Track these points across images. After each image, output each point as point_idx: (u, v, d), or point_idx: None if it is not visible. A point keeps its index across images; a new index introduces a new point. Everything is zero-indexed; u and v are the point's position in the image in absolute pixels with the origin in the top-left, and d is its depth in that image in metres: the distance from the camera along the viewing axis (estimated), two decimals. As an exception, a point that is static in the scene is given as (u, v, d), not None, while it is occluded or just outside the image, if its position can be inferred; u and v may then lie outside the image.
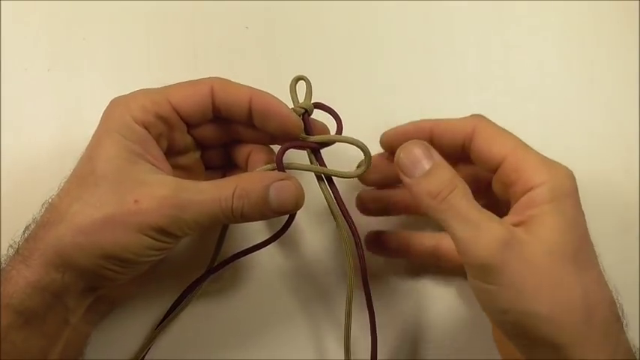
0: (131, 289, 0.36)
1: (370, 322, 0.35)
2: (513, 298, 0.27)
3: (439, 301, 0.39)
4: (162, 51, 0.41)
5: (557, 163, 0.31)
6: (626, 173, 0.41)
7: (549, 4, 0.43)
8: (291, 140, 0.33)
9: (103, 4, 0.41)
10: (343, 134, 0.34)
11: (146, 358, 0.37)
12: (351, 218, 0.34)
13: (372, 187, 0.38)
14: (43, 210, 0.31)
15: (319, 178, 0.34)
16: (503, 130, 0.32)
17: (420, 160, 0.30)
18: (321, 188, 0.34)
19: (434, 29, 0.43)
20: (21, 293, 0.28)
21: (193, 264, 0.38)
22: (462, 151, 0.33)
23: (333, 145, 0.34)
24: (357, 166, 0.34)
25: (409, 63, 0.42)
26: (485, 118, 0.33)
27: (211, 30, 0.42)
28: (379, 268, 0.39)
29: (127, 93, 0.32)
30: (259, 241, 0.35)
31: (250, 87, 0.32)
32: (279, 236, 0.35)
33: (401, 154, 0.31)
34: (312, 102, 0.34)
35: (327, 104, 0.34)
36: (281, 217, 0.33)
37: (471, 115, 0.33)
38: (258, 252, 0.36)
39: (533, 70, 0.42)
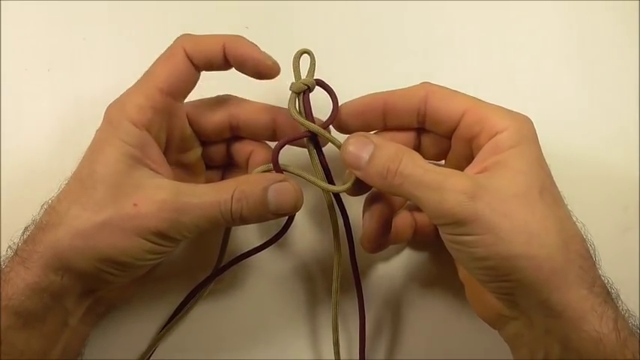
0: (130, 291, 0.36)
1: (359, 305, 0.35)
2: (490, 243, 0.27)
3: (432, 287, 0.39)
4: (162, 51, 0.41)
5: (515, 111, 0.31)
6: (626, 173, 0.41)
7: (549, 4, 0.43)
8: (288, 128, 0.33)
9: (103, 4, 0.41)
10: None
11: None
12: (342, 204, 0.34)
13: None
14: (42, 212, 0.31)
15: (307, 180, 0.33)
16: (455, 90, 0.33)
17: (360, 149, 0.30)
18: (309, 152, 0.33)
19: (434, 29, 0.43)
20: (20, 295, 0.28)
21: (196, 267, 0.38)
22: (417, 118, 0.33)
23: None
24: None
25: (409, 63, 0.42)
26: (433, 83, 0.33)
27: (211, 30, 0.42)
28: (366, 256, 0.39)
29: (121, 94, 0.32)
30: (260, 242, 0.35)
31: (221, 35, 0.32)
32: (280, 237, 0.35)
33: (343, 153, 0.31)
34: (314, 78, 0.33)
35: (328, 83, 0.34)
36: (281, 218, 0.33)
37: (422, 83, 0.33)
38: (257, 254, 0.36)
39: (533, 70, 0.42)
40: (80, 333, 0.33)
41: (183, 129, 0.34)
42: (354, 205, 0.38)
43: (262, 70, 0.32)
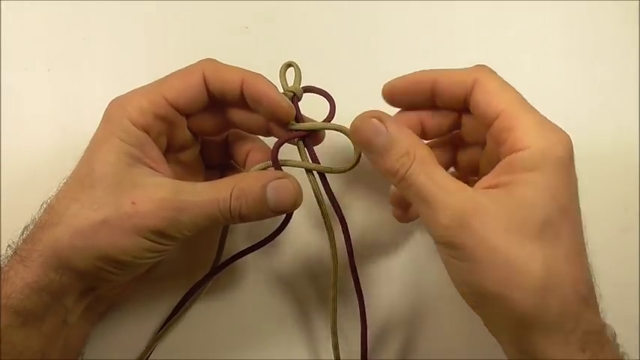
0: (130, 290, 0.36)
1: (360, 309, 0.35)
2: (467, 272, 0.27)
3: (430, 287, 0.39)
4: (162, 51, 0.41)
5: (556, 127, 0.28)
6: (626, 173, 0.41)
7: (549, 4, 0.43)
8: (283, 126, 0.33)
9: (103, 4, 0.41)
10: (335, 120, 0.33)
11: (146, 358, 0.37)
12: (337, 202, 0.33)
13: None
14: (41, 211, 0.31)
15: (307, 169, 0.34)
16: (505, 84, 0.30)
17: (376, 132, 0.28)
18: (309, 178, 0.33)
19: (434, 29, 0.43)
20: (19, 294, 0.28)
21: (194, 266, 0.38)
22: (464, 102, 0.31)
23: (330, 134, 0.34)
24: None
25: (409, 63, 0.42)
26: (488, 69, 0.31)
27: (211, 30, 0.42)
28: (366, 254, 0.39)
29: (126, 93, 0.32)
30: (258, 240, 0.35)
31: (242, 69, 0.32)
32: (277, 235, 0.35)
33: (356, 130, 0.29)
34: (301, 86, 0.33)
35: (318, 87, 0.34)
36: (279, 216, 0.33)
37: (475, 66, 0.31)
38: (254, 252, 0.36)
39: (533, 69, 0.42)
40: (80, 332, 0.33)
41: (184, 135, 0.34)
42: (354, 207, 0.38)
43: (277, 111, 0.32)
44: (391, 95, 0.34)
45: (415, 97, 0.33)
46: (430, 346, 0.39)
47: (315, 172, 0.34)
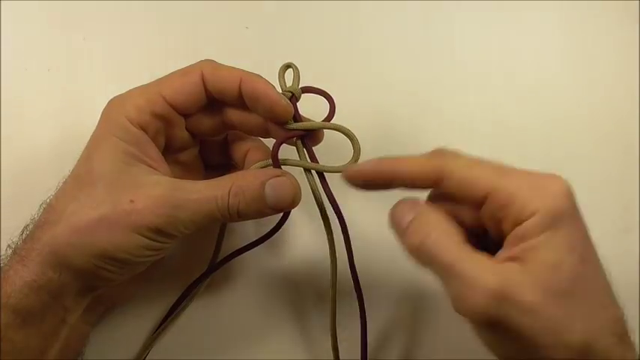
0: (129, 290, 0.36)
1: (360, 309, 0.35)
2: (513, 346, 0.26)
3: (430, 287, 0.39)
4: (162, 51, 0.41)
5: (547, 179, 0.27)
6: (626, 173, 0.41)
7: (549, 4, 0.43)
8: (281, 126, 0.33)
9: (103, 4, 0.41)
10: (335, 120, 0.33)
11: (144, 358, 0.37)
12: (336, 202, 0.33)
13: None
14: (41, 210, 0.31)
15: (306, 168, 0.34)
16: (472, 161, 0.28)
17: (404, 214, 0.28)
18: (307, 177, 0.33)
19: (434, 29, 0.43)
20: (18, 293, 0.28)
21: (192, 264, 0.38)
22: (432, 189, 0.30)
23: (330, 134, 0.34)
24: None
25: (409, 63, 0.42)
26: (448, 154, 0.29)
27: (211, 30, 0.42)
28: (365, 255, 0.39)
29: (124, 91, 0.32)
30: (255, 238, 0.35)
31: (240, 70, 0.32)
32: (274, 233, 0.35)
33: (391, 213, 0.29)
34: (300, 86, 0.33)
35: (317, 86, 0.34)
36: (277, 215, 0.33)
37: (432, 154, 0.29)
38: (252, 250, 0.36)
39: (533, 70, 0.42)
40: (80, 332, 0.33)
41: (183, 135, 0.34)
42: (354, 207, 0.38)
43: (275, 110, 0.31)
44: (354, 183, 0.31)
45: (375, 187, 0.30)
46: (431, 346, 0.39)
47: (314, 172, 0.34)
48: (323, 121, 0.33)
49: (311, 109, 0.34)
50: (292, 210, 0.33)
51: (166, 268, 0.37)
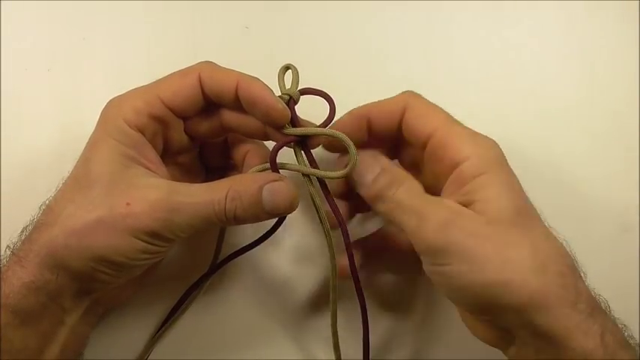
0: (128, 292, 0.35)
1: (362, 312, 0.35)
2: (467, 272, 0.28)
3: (431, 287, 0.39)
4: (162, 51, 0.41)
5: (484, 136, 0.32)
6: (626, 173, 0.41)
7: (549, 4, 0.43)
8: (278, 130, 0.32)
9: (103, 4, 0.41)
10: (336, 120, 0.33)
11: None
12: (336, 206, 0.33)
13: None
14: (40, 212, 0.31)
15: (303, 173, 0.33)
16: (433, 106, 0.33)
17: (368, 169, 0.32)
18: (306, 182, 0.33)
19: (434, 29, 0.43)
20: (16, 293, 0.28)
21: (192, 266, 0.38)
22: (397, 130, 0.34)
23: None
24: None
25: (409, 63, 0.42)
26: (415, 94, 0.33)
27: (211, 30, 0.42)
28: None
29: (123, 93, 0.32)
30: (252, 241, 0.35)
31: (239, 73, 0.32)
32: (270, 235, 0.34)
33: (353, 169, 0.31)
34: (299, 88, 0.33)
35: (316, 88, 0.33)
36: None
37: (402, 93, 0.33)
38: (253, 251, 0.35)
39: (533, 70, 0.42)
40: (79, 333, 0.33)
41: (181, 138, 0.34)
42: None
43: (271, 114, 0.31)
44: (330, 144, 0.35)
45: (354, 134, 0.33)
46: (432, 346, 0.39)
47: (308, 176, 0.33)
48: (324, 122, 0.33)
49: (313, 109, 0.34)
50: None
51: (167, 270, 0.38)
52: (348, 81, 0.42)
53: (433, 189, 0.32)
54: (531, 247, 0.28)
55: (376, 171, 0.32)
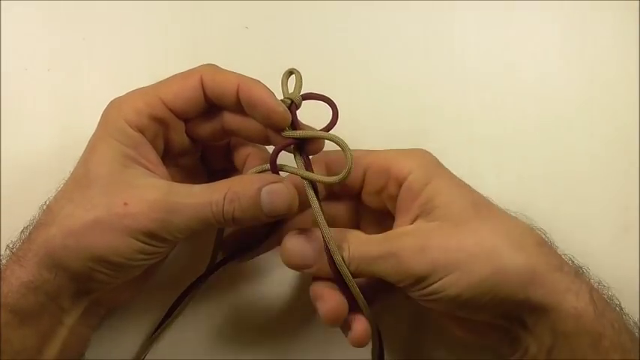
0: (129, 294, 0.35)
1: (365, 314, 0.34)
2: (459, 278, 0.29)
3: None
4: (163, 51, 0.41)
5: (411, 150, 0.33)
6: (626, 173, 0.41)
7: (550, 4, 0.43)
8: (279, 133, 0.32)
9: (103, 4, 0.41)
10: (338, 124, 0.33)
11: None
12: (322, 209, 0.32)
13: None
14: (40, 212, 0.31)
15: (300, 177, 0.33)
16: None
17: (304, 247, 0.31)
18: (305, 185, 0.32)
19: (434, 29, 0.43)
20: (15, 293, 0.29)
21: (190, 267, 0.38)
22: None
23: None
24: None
25: (409, 63, 0.42)
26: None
27: (211, 30, 0.42)
28: None
29: (124, 93, 0.32)
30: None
31: (240, 75, 0.32)
32: (267, 237, 0.34)
33: (284, 254, 0.31)
34: (302, 93, 0.33)
35: (318, 92, 0.33)
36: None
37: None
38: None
39: (533, 69, 0.42)
40: (79, 334, 0.33)
41: (182, 140, 0.34)
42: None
43: (272, 117, 0.31)
44: None
45: None
46: (434, 346, 0.39)
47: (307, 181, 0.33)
48: (326, 126, 0.32)
49: (316, 113, 0.34)
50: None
51: (165, 271, 0.37)
52: (348, 81, 0.42)
53: (382, 216, 0.33)
54: (502, 230, 0.30)
55: (314, 244, 0.31)
